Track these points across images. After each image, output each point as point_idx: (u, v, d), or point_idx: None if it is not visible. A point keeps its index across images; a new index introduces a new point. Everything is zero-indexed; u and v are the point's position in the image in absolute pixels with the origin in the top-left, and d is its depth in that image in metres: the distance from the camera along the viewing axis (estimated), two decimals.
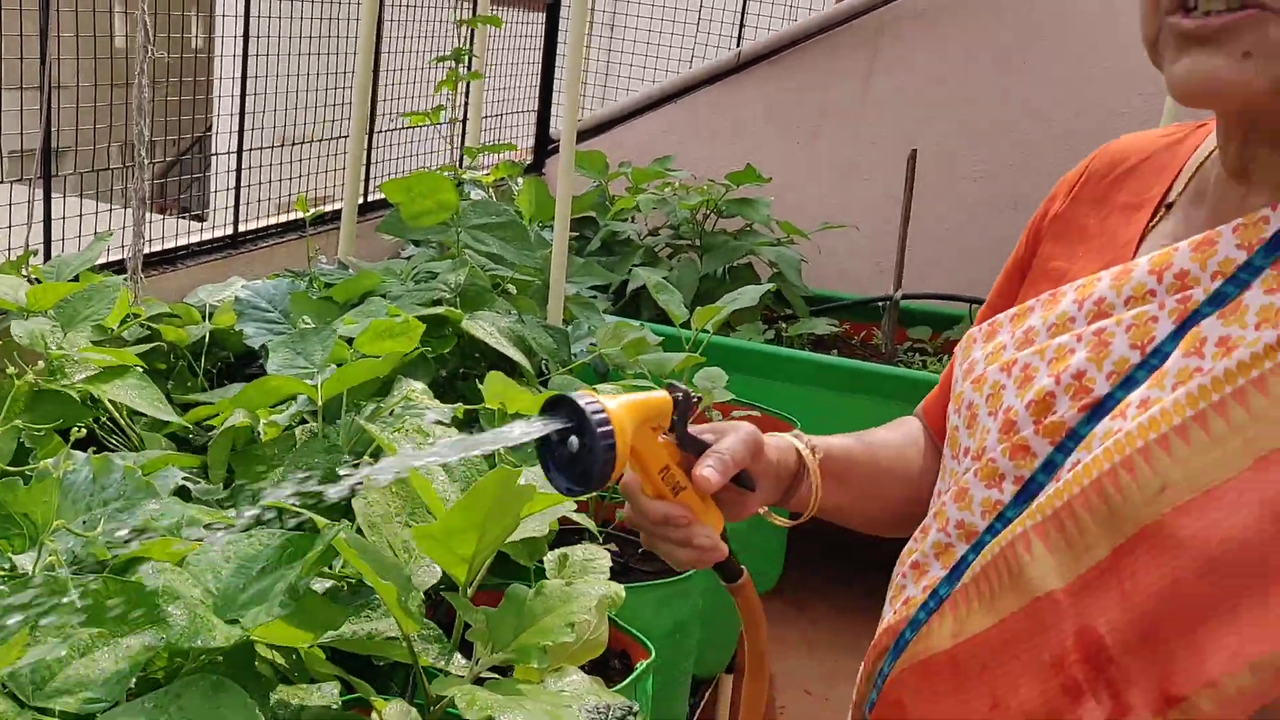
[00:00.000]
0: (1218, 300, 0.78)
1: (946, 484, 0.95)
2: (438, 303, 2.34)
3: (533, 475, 1.43)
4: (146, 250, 2.73)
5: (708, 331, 2.55)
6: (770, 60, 4.16)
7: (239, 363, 2.59)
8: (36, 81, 2.48)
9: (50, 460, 1.34)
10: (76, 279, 2.13)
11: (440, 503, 1.43)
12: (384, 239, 3.27)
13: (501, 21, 3.45)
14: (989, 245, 3.16)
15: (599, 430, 0.92)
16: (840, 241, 3.99)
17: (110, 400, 1.91)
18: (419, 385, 1.94)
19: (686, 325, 2.57)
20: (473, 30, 3.63)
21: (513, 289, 2.65)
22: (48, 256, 2.62)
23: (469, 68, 3.17)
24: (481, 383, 1.97)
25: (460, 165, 3.27)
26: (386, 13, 3.84)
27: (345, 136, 3.17)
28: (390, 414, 1.86)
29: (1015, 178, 3.90)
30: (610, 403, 0.95)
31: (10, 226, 2.40)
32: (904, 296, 3.66)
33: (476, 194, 3.60)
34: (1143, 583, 0.73)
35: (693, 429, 1.03)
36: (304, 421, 1.98)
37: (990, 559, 0.83)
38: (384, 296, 2.38)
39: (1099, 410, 0.81)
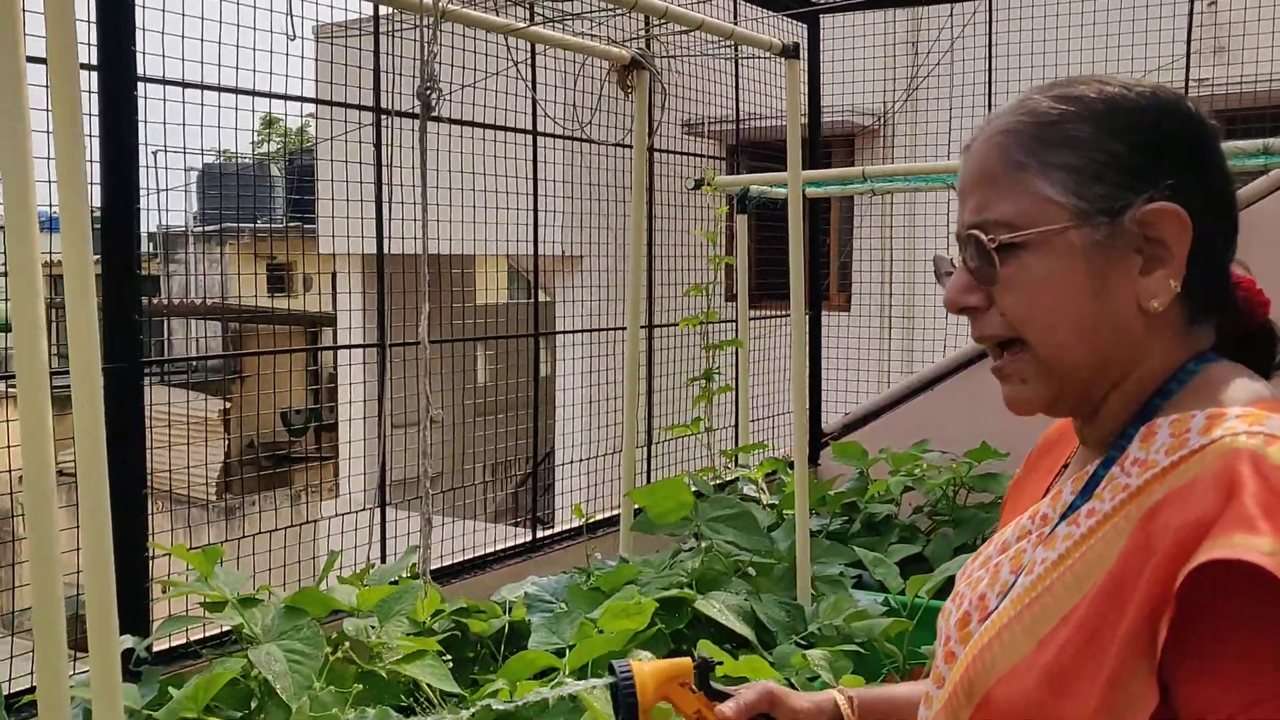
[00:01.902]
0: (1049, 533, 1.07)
1: None
2: (678, 585, 2.76)
3: None
4: (462, 558, 3.36)
5: (922, 598, 2.80)
6: None
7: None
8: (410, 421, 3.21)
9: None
10: (395, 582, 2.73)
11: None
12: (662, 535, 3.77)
13: (743, 343, 4.00)
14: None
15: (622, 685, 1.35)
16: None
17: (414, 678, 2.44)
18: (645, 653, 2.34)
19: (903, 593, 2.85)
20: (735, 351, 4.21)
21: (753, 571, 3.03)
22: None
23: (720, 384, 3.70)
24: None
25: (720, 467, 3.74)
26: (664, 341, 4.51)
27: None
28: None
29: None
30: (642, 666, 1.38)
31: (356, 545, 3.08)
32: None
33: (748, 488, 4.07)
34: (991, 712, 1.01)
35: (723, 686, 1.40)
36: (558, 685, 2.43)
37: None
38: (636, 584, 2.84)
39: (989, 620, 1.08)
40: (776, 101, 5.62)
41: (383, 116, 3.12)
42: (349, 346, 3.53)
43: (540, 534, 3.69)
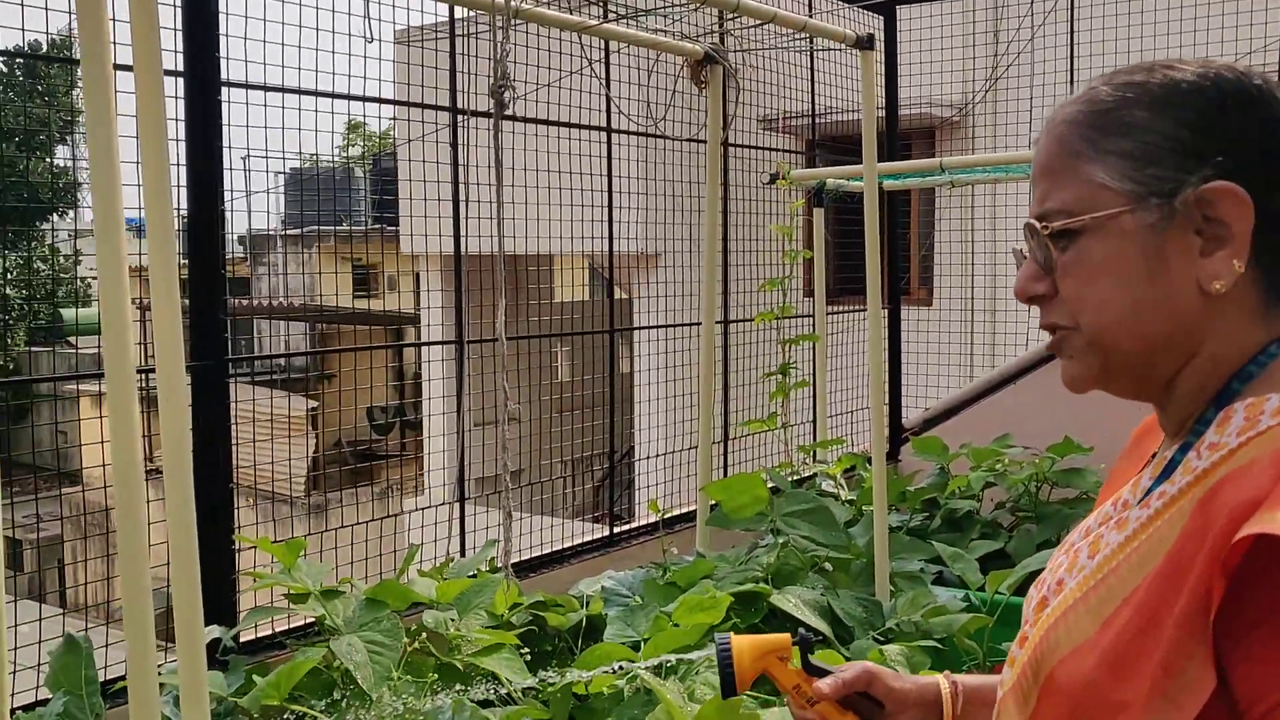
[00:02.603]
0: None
1: None
2: (754, 580, 2.76)
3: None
4: (540, 553, 3.39)
5: (1003, 594, 2.76)
6: None
7: None
8: (488, 418, 3.26)
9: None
10: (474, 576, 2.77)
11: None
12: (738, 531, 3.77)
13: (820, 338, 3.97)
14: None
15: (720, 656, 1.38)
16: None
17: (492, 670, 2.47)
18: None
19: (983, 589, 2.81)
20: (813, 346, 4.19)
21: (829, 566, 3.01)
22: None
23: (798, 378, 3.68)
24: None
25: (797, 462, 3.73)
26: (740, 336, 4.51)
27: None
28: (696, 672, 2.28)
29: None
30: (740, 639, 1.40)
31: (436, 540, 3.13)
32: None
33: (827, 484, 4.05)
34: (1045, 717, 1.02)
35: (823, 665, 1.41)
36: (634, 679, 2.44)
37: None
38: (711, 579, 2.84)
39: None
40: (853, 95, 5.58)
41: (459, 117, 3.16)
42: (427, 344, 3.58)
43: (617, 529, 3.71)
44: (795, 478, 3.96)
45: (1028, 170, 4.18)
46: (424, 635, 2.45)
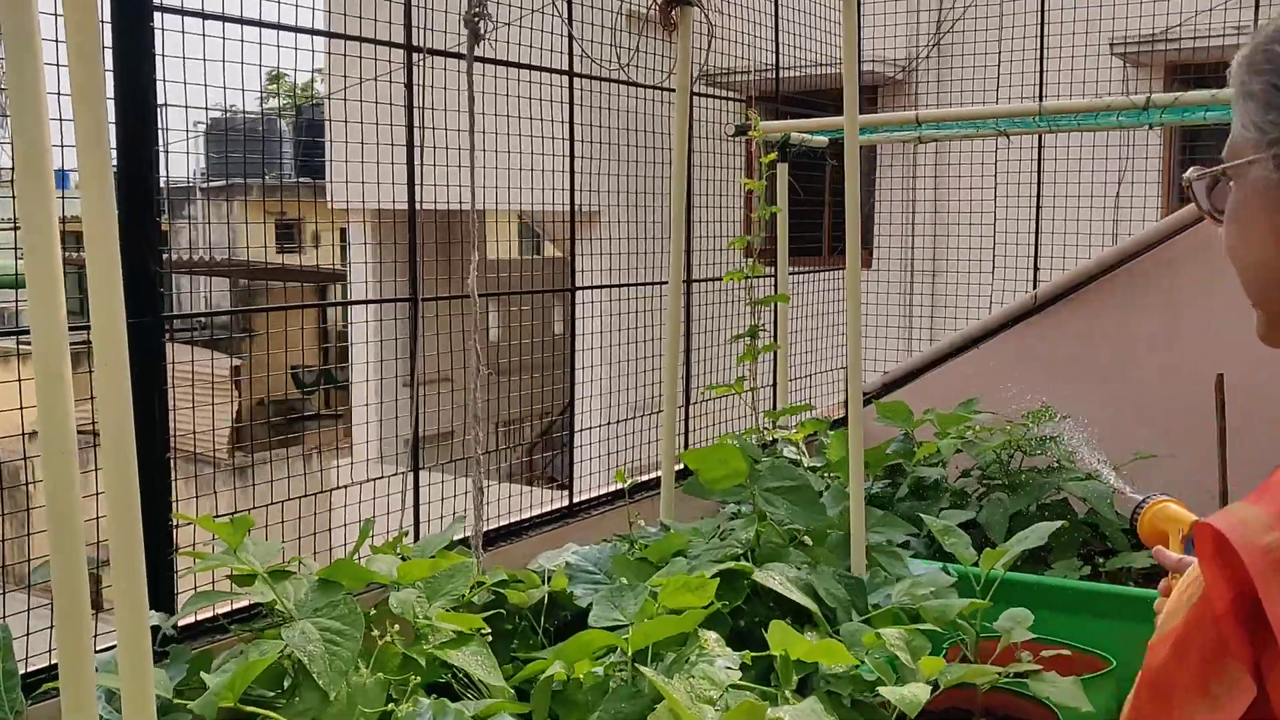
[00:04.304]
0: None
1: None
2: (734, 558, 2.59)
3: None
4: (497, 524, 3.19)
5: (998, 573, 2.63)
6: (1067, 299, 4.28)
7: (575, 619, 2.92)
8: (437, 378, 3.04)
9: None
10: (435, 556, 2.56)
11: None
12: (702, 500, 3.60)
13: (789, 298, 3.81)
14: None
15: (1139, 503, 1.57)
16: (1164, 470, 3.93)
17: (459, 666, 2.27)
18: (713, 635, 2.18)
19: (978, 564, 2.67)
20: (775, 307, 4.01)
21: (809, 541, 2.86)
22: (418, 534, 3.14)
23: (766, 341, 3.51)
24: None
25: (761, 428, 3.57)
26: (698, 297, 4.32)
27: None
28: (687, 661, 2.11)
29: None
30: (1164, 501, 1.58)
31: (388, 513, 2.91)
32: None
33: (789, 451, 3.89)
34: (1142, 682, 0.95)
35: None
36: (620, 669, 2.26)
37: None
38: (687, 555, 2.66)
39: None
40: (815, 48, 5.40)
41: (413, 55, 2.91)
42: (380, 301, 3.34)
43: (577, 499, 3.52)
44: (759, 443, 3.80)
45: (997, 125, 4.04)
46: (395, 628, 2.23)
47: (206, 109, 2.98)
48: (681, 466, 3.78)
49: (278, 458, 3.26)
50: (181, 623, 2.51)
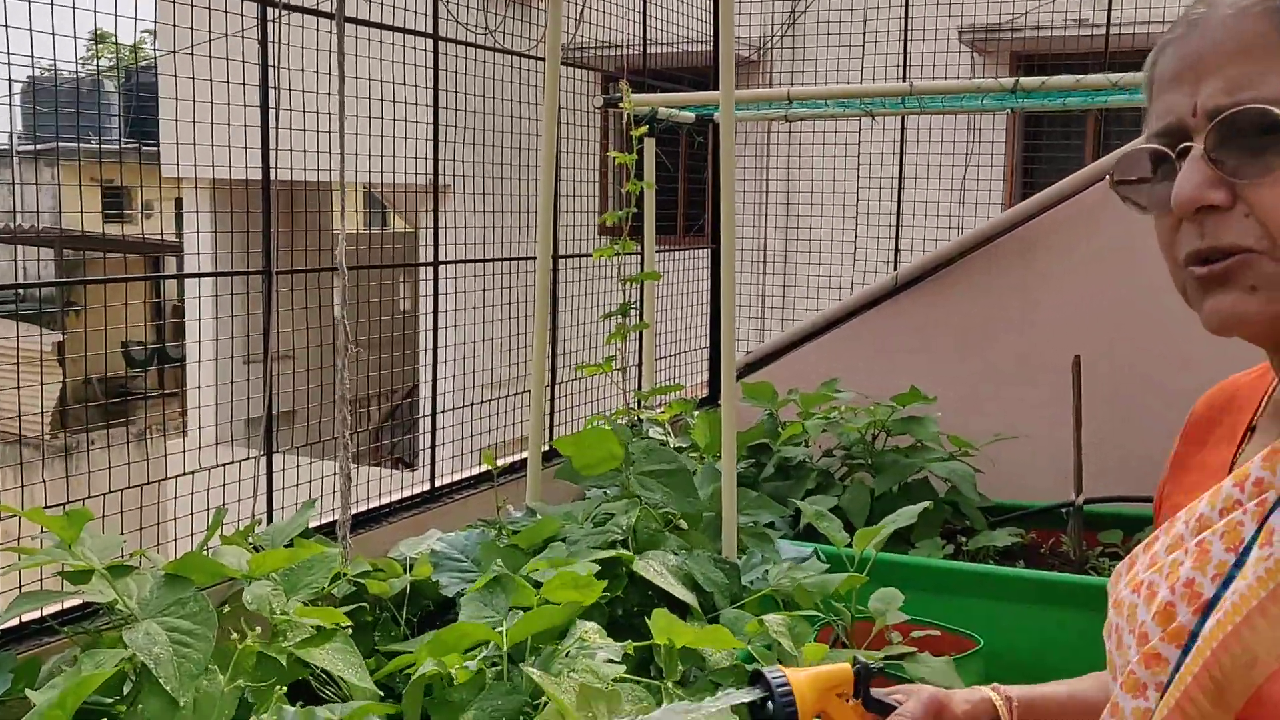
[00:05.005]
0: None
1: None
2: (613, 545, 2.50)
3: None
4: (355, 510, 3.02)
5: (870, 553, 2.61)
6: (926, 280, 4.32)
7: (439, 610, 2.79)
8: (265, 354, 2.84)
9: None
10: (291, 544, 2.39)
11: None
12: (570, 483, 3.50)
13: (660, 275, 3.74)
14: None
15: (780, 699, 1.19)
16: (1018, 451, 4.01)
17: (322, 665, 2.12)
18: (592, 626, 2.08)
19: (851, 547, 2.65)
20: (641, 285, 3.92)
21: (684, 524, 2.79)
22: (270, 520, 2.95)
23: (635, 320, 3.43)
24: None
25: (630, 408, 3.49)
26: (560, 274, 4.21)
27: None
28: (567, 654, 2.01)
29: (1181, 376, 3.87)
30: (794, 674, 1.21)
31: (239, 500, 2.72)
32: (1087, 501, 3.63)
33: (655, 432, 3.82)
34: None
35: (881, 691, 1.25)
36: (494, 664, 2.15)
37: None
38: (563, 541, 2.56)
39: (1208, 610, 0.92)
40: (677, 26, 5.34)
41: (269, 10, 2.70)
42: (230, 274, 3.11)
43: (439, 483, 3.38)
44: (626, 424, 3.72)
45: (864, 106, 4.03)
46: (256, 630, 2.06)
47: (33, 63, 2.73)
48: (548, 448, 3.67)
49: (109, 441, 3.02)
50: (2, 627, 2.28)
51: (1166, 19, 5.64)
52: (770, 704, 1.20)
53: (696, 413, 3.97)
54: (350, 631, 2.29)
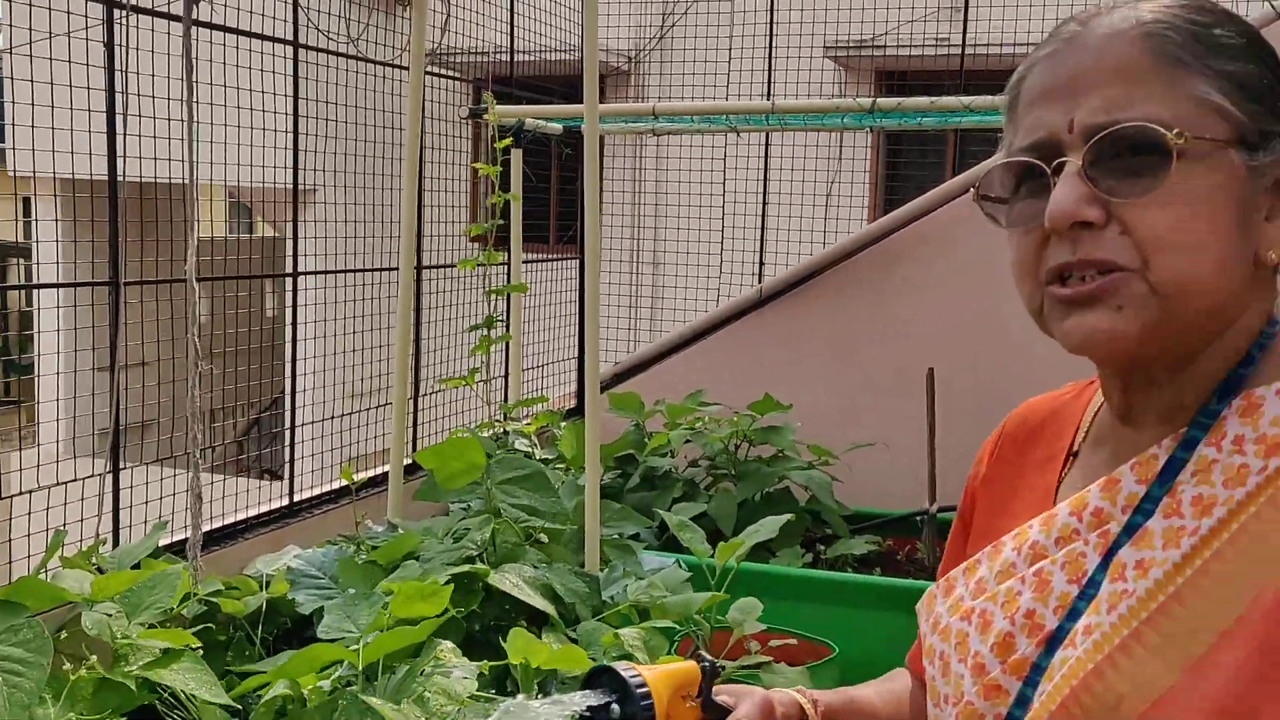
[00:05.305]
0: (1130, 530, 0.90)
1: None
2: (469, 560, 2.48)
3: None
4: (209, 527, 2.94)
5: (732, 564, 2.65)
6: (791, 293, 4.41)
7: (296, 628, 2.74)
8: (123, 362, 2.75)
9: None
10: (138, 566, 2.32)
11: None
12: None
13: (526, 287, 3.73)
14: None
15: (641, 701, 1.12)
16: (877, 460, 4.11)
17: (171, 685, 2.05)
18: (448, 644, 2.07)
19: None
20: (508, 296, 3.92)
21: (544, 538, 2.79)
22: (116, 539, 2.85)
23: (502, 331, 3.42)
24: None
25: (495, 420, 3.48)
26: (426, 285, 4.17)
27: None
28: (422, 673, 1.99)
29: (1037, 393, 4.02)
30: (648, 672, 1.14)
31: (81, 521, 2.62)
32: (941, 509, 3.74)
33: (522, 444, 3.81)
34: None
35: (726, 696, 1.20)
36: (350, 684, 2.11)
37: None
38: (417, 559, 2.54)
39: (1053, 642, 0.91)
40: (540, 36, 5.33)
41: (115, 12, 2.62)
42: (74, 285, 3.00)
43: (298, 497, 3.31)
44: (492, 437, 3.71)
45: (729, 122, 4.09)
46: (85, 643, 1.99)
47: None
48: (410, 461, 3.63)
49: None
50: None
51: (1020, 40, 5.87)
52: (625, 705, 1.13)
53: (564, 424, 3.97)
54: (200, 652, 2.23)
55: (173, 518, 2.67)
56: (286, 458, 3.61)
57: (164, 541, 2.69)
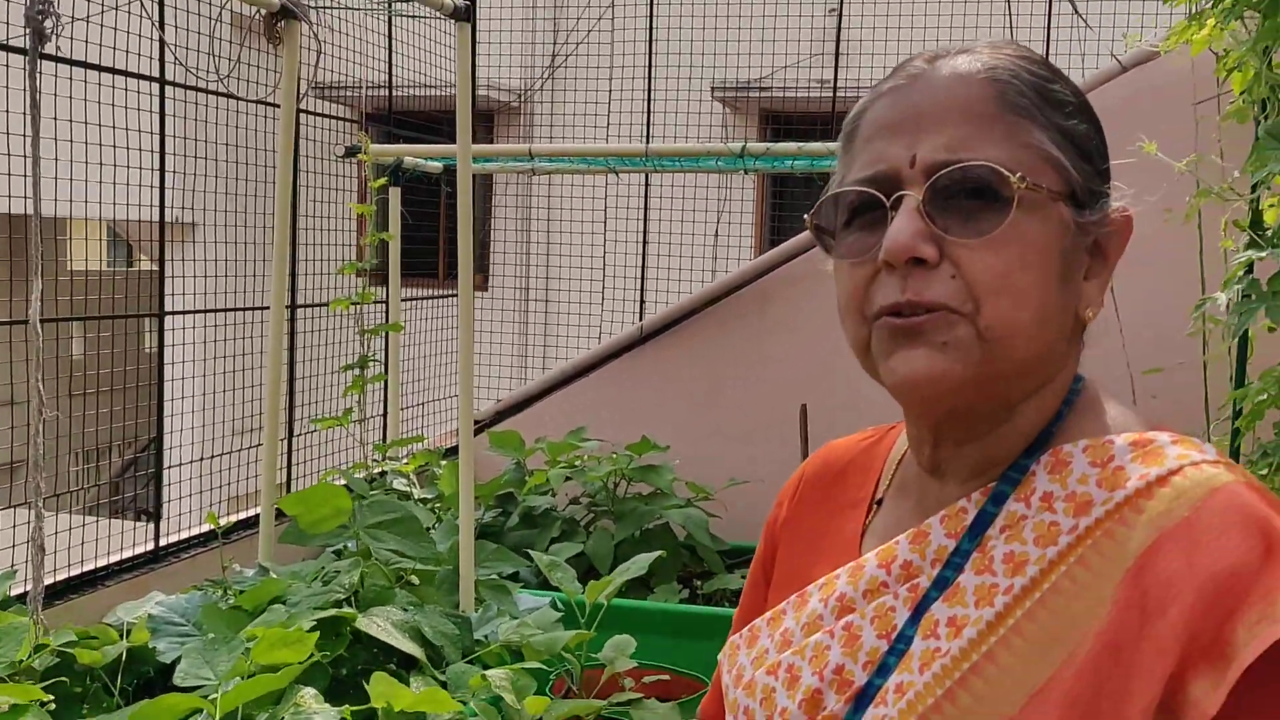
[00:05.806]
0: (940, 585, 0.88)
1: None
2: (337, 603, 2.46)
3: None
4: (68, 575, 2.86)
5: (603, 602, 2.67)
6: (670, 331, 4.46)
7: (160, 677, 2.67)
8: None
9: None
10: None
11: None
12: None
13: (402, 326, 3.72)
14: None
15: None
16: (755, 496, 4.17)
17: None
18: (310, 691, 2.04)
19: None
20: (386, 334, 3.90)
21: (415, 580, 2.77)
22: None
23: (377, 371, 3.40)
24: None
25: (370, 461, 3.45)
26: (304, 323, 4.13)
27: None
28: None
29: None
30: None
31: None
32: None
33: (399, 483, 3.78)
34: None
35: None
36: None
37: None
38: (284, 603, 2.50)
39: (862, 699, 0.89)
40: (427, 69, 5.33)
41: None
42: None
43: (164, 542, 3.23)
44: (366, 477, 3.67)
45: (609, 163, 4.14)
46: None
47: None
48: None
49: None
50: None
51: None
52: None
53: (444, 462, 3.95)
54: (52, 706, 2.16)
55: (25, 566, 2.58)
56: (161, 498, 3.53)
57: (16, 591, 2.61)
